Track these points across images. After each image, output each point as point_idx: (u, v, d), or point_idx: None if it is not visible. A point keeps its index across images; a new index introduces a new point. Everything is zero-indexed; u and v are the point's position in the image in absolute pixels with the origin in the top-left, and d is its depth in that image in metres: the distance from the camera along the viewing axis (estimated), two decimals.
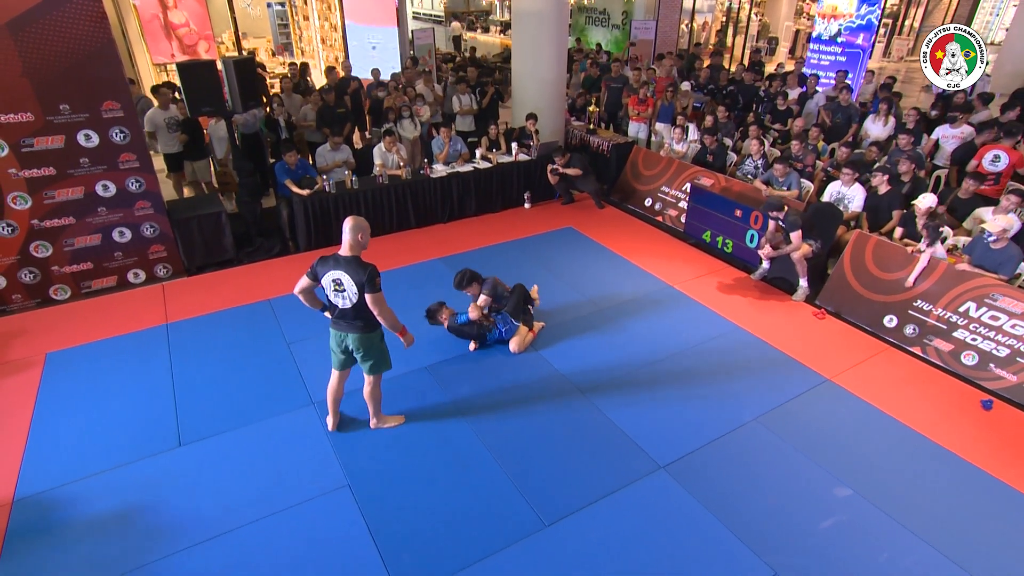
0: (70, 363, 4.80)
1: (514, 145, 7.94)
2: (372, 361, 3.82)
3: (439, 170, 7.36)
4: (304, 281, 3.65)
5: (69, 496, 3.62)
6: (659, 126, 9.04)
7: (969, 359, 4.78)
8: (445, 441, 4.06)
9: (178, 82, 6.20)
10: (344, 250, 3.54)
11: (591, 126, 9.32)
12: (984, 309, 4.78)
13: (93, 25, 4.97)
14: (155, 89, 7.29)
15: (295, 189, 6.48)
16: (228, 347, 5.01)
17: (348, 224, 3.53)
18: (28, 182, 5.15)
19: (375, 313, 3.57)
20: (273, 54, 14.35)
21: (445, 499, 3.61)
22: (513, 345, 4.95)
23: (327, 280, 3.56)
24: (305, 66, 9.80)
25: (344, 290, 3.53)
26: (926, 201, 5.44)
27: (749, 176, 7.09)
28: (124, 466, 3.83)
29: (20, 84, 4.87)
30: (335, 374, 3.96)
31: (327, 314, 3.76)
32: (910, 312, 5.14)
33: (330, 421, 4.12)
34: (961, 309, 4.89)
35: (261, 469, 3.82)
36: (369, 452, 3.96)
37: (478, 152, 7.87)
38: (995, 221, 4.82)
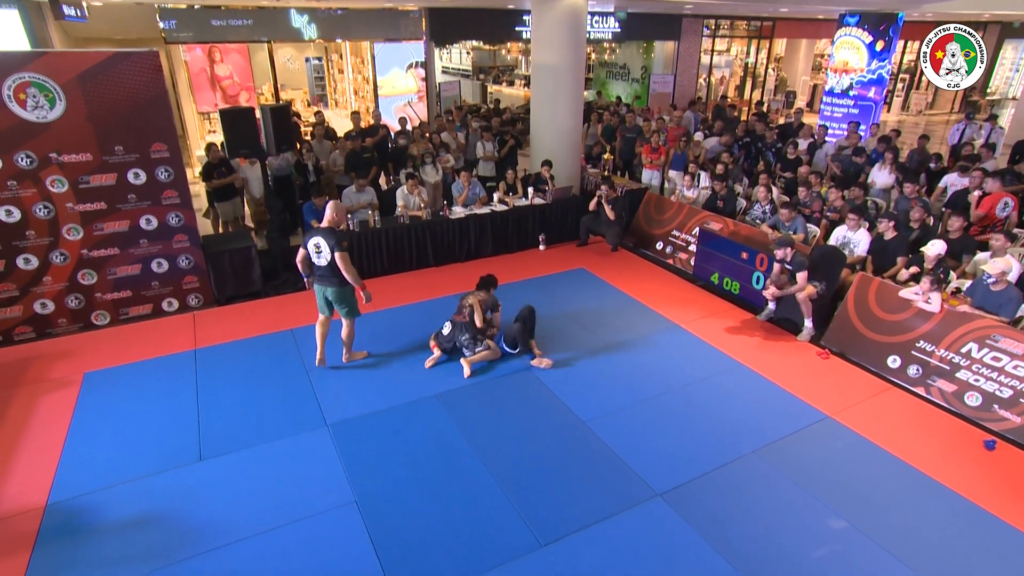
0: (106, 382, 5.14)
1: (530, 190, 8.30)
2: (347, 308, 5.08)
3: (458, 212, 7.73)
4: (301, 252, 4.95)
5: (96, 502, 3.87)
6: (672, 173, 9.35)
7: (973, 400, 4.80)
8: (449, 462, 4.23)
9: (219, 127, 6.75)
10: (324, 223, 4.89)
11: (605, 173, 9.68)
12: (986, 350, 4.83)
13: (151, 77, 5.54)
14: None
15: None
16: (250, 372, 5.30)
17: (330, 204, 4.90)
18: (82, 215, 5.65)
19: (341, 268, 4.77)
20: (308, 104, 15.25)
21: (446, 517, 3.76)
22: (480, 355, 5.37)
23: (311, 245, 4.83)
24: (320, 113, 10.47)
25: (321, 251, 4.81)
26: (935, 248, 5.56)
27: (757, 221, 7.30)
28: (148, 477, 4.08)
29: (84, 128, 5.42)
30: (320, 317, 5.22)
31: (308, 281, 5.06)
32: (913, 353, 5.21)
33: (318, 357, 5.30)
34: (963, 350, 4.95)
35: (274, 484, 4.02)
36: (375, 471, 4.14)
37: (496, 196, 8.25)
38: (993, 263, 4.92)
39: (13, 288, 5.62)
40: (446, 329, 5.43)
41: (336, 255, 4.72)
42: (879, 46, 11.81)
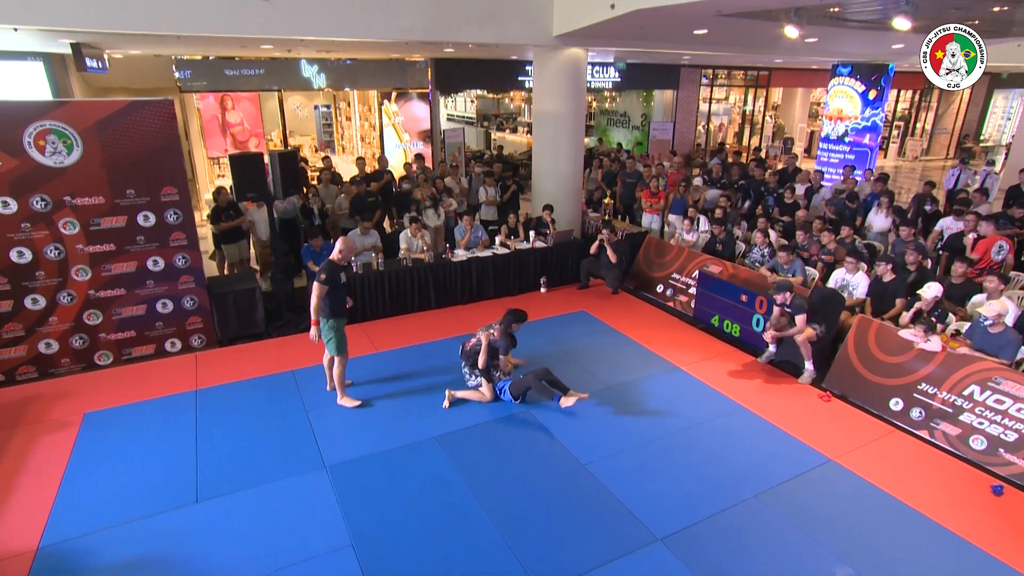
0: (105, 423, 5.13)
1: (532, 233, 8.43)
2: (328, 342, 5.15)
3: (460, 255, 7.84)
4: None
5: (90, 546, 3.82)
6: (672, 218, 9.49)
7: (977, 443, 4.75)
8: (447, 506, 4.17)
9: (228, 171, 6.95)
10: (331, 255, 5.09)
11: (606, 217, 9.83)
12: (988, 393, 4.81)
13: (165, 124, 5.75)
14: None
15: (316, 270, 6.96)
16: (250, 413, 5.29)
17: (340, 239, 5.12)
18: (91, 256, 5.76)
19: (312, 296, 4.92)
20: (316, 150, 15.65)
21: (444, 561, 3.69)
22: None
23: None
24: (327, 158, 10.77)
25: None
26: (931, 291, 5.60)
27: (756, 264, 7.38)
28: (143, 519, 4.04)
29: (99, 172, 5.60)
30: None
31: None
32: (915, 395, 5.18)
33: (328, 385, 5.53)
34: (965, 392, 4.92)
35: (271, 526, 3.98)
36: (373, 514, 4.09)
37: (498, 239, 8.37)
38: (989, 306, 4.95)
39: (19, 328, 5.69)
40: (470, 343, 5.61)
41: (313, 283, 4.95)
42: (872, 95, 12.14)
